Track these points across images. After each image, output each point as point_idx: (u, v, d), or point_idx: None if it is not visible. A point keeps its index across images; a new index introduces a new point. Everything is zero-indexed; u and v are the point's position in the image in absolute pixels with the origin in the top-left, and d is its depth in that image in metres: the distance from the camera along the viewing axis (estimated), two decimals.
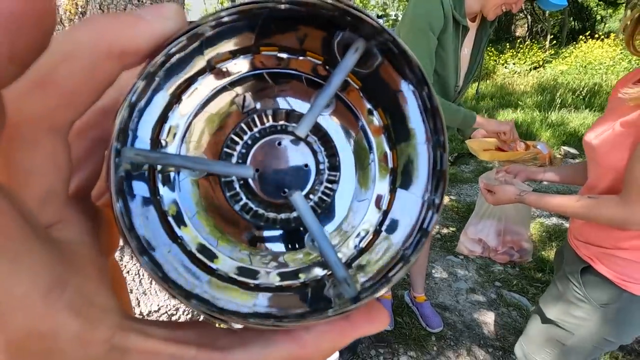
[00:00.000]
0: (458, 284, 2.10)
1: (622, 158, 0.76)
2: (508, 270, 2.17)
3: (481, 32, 1.30)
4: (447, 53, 1.19)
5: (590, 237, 0.88)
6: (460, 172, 3.57)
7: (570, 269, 0.93)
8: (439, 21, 1.11)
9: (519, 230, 1.14)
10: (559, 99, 5.10)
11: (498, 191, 0.97)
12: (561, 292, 0.94)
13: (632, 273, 0.81)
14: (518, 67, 7.08)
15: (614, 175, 0.79)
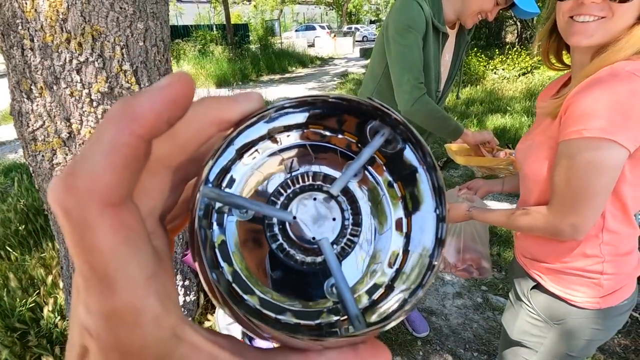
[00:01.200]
0: (445, 288, 2.11)
1: (542, 169, 0.77)
2: (494, 274, 2.19)
3: (460, 39, 1.33)
4: (428, 59, 1.20)
5: (535, 253, 0.87)
6: (449, 177, 3.60)
7: (520, 288, 0.92)
8: (422, 25, 1.14)
9: (478, 248, 1.16)
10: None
11: (451, 208, 0.96)
12: (517, 310, 0.93)
13: (578, 289, 0.81)
14: (507, 72, 7.18)
15: (540, 185, 0.80)
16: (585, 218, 0.70)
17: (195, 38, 11.58)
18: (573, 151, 0.68)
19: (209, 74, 9.42)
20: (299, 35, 20.90)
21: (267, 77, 11.02)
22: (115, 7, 1.05)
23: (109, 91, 1.11)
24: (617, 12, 0.66)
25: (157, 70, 1.22)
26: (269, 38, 14.08)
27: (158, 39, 1.20)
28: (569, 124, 0.68)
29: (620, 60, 0.66)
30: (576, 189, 0.69)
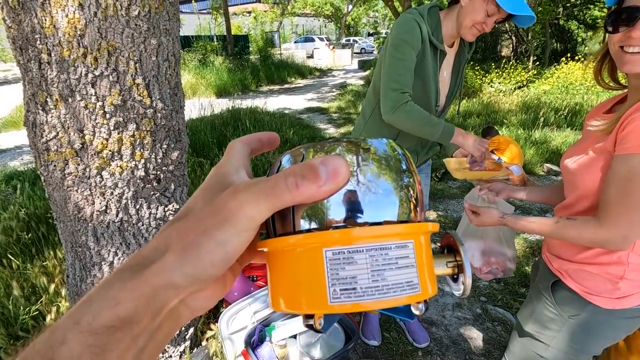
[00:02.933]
0: (445, 299, 2.13)
1: (596, 181, 0.82)
2: (493, 285, 2.21)
3: (459, 57, 1.37)
4: (427, 75, 1.25)
5: (561, 251, 0.93)
6: (447, 188, 3.64)
7: (542, 283, 0.97)
8: (417, 42, 1.19)
9: (503, 250, 1.18)
10: (542, 118, 5.27)
11: (482, 213, 1.00)
12: (535, 305, 0.98)
13: (596, 287, 0.85)
14: (503, 86, 7.31)
15: (590, 196, 0.84)
16: (637, 229, 0.73)
17: (196, 48, 11.70)
18: (632, 165, 0.71)
19: (209, 84, 9.50)
20: (298, 46, 21.17)
21: (267, 87, 11.12)
22: (131, 24, 1.10)
23: (122, 104, 1.15)
24: None
25: (168, 84, 1.26)
26: (268, 49, 14.25)
27: (169, 53, 1.24)
28: (629, 139, 0.71)
29: None
30: (633, 202, 0.72)
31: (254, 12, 23.71)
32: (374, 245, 0.20)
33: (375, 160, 0.23)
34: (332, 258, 0.20)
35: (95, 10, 1.04)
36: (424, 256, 0.23)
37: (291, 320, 1.60)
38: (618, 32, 0.76)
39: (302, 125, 5.74)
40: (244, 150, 0.25)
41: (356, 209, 0.21)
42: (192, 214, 0.21)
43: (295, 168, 0.19)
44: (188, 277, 0.19)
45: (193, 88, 9.21)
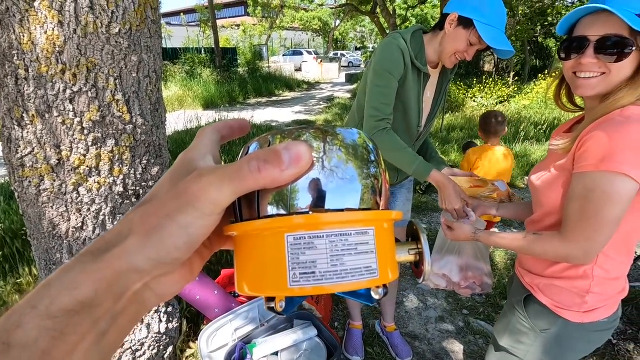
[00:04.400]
0: (428, 313, 2.14)
1: (559, 197, 0.85)
2: (475, 298, 2.23)
3: (442, 78, 1.41)
4: (410, 97, 1.28)
5: (532, 266, 0.96)
6: (431, 201, 3.69)
7: (515, 297, 1.00)
8: (399, 69, 1.22)
9: (480, 265, 1.21)
10: (523, 132, 5.43)
11: (456, 228, 1.03)
12: (509, 319, 1.00)
13: (565, 301, 0.88)
14: (485, 100, 7.53)
15: (555, 212, 0.88)
16: (597, 244, 0.76)
17: (184, 60, 11.70)
18: (589, 183, 0.74)
19: (197, 96, 9.49)
20: (286, 59, 21.40)
21: (255, 99, 11.17)
22: (112, 42, 1.10)
23: (101, 119, 1.14)
24: (614, 69, 0.76)
25: (149, 100, 1.26)
26: (257, 62, 14.35)
27: (151, 70, 1.24)
28: (585, 158, 0.75)
29: (623, 106, 0.75)
30: (591, 218, 0.75)
31: (242, 25, 23.94)
32: (335, 232, 0.21)
33: (342, 148, 0.23)
34: (293, 243, 0.21)
35: (75, 27, 1.04)
36: (385, 243, 0.23)
37: (273, 337, 1.58)
38: (570, 59, 0.80)
39: None
40: (213, 137, 0.25)
41: (319, 195, 0.22)
42: (156, 199, 0.21)
43: (259, 152, 0.20)
44: (151, 261, 0.19)
45: (180, 100, 9.17)
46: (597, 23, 0.75)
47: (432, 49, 1.27)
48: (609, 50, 0.74)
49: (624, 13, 0.70)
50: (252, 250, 0.22)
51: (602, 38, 0.75)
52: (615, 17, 0.72)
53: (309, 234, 0.21)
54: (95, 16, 1.07)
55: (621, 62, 0.74)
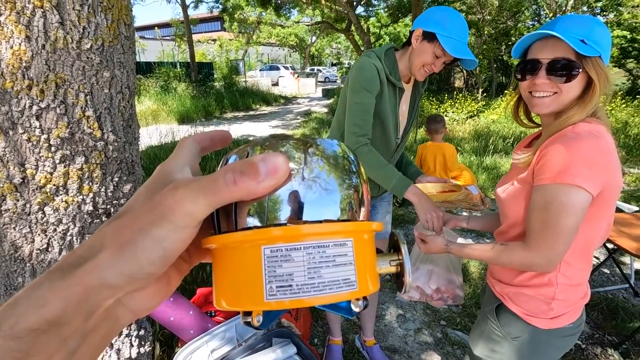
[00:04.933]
0: (407, 325, 2.15)
1: (522, 209, 0.89)
2: (452, 308, 2.27)
3: (415, 91, 1.47)
4: (387, 111, 1.33)
5: (501, 275, 0.99)
6: (408, 213, 3.76)
7: (487, 306, 1.03)
8: (376, 86, 1.27)
9: (452, 277, 1.24)
10: (492, 145, 5.66)
11: (429, 241, 1.06)
12: (483, 328, 1.03)
13: (533, 308, 0.92)
14: (456, 115, 7.82)
15: (519, 223, 0.92)
16: (558, 253, 0.80)
17: (158, 74, 11.53)
18: (547, 195, 0.79)
19: (171, 110, 9.34)
20: (263, 74, 21.51)
21: (231, 114, 11.10)
22: (82, 57, 1.08)
23: (70, 136, 1.11)
24: (564, 89, 0.82)
25: (121, 116, 1.24)
26: (233, 76, 14.34)
27: (124, 86, 1.22)
28: (543, 171, 0.80)
29: (574, 122, 0.81)
30: (551, 228, 0.79)
31: (219, 40, 23.95)
32: (312, 243, 0.21)
33: (322, 159, 0.23)
34: (270, 255, 0.20)
35: (43, 42, 1.02)
36: (365, 254, 0.23)
37: (251, 357, 1.54)
38: (525, 79, 0.87)
39: None
40: (193, 148, 0.25)
41: (297, 206, 0.21)
42: (130, 212, 0.20)
43: (235, 164, 0.19)
44: (123, 276, 0.18)
45: (154, 114, 8.99)
46: (547, 47, 0.82)
47: (404, 64, 1.34)
48: (559, 72, 0.81)
49: (569, 38, 0.77)
50: (229, 264, 0.22)
51: (552, 61, 0.81)
52: (562, 42, 0.78)
53: (286, 246, 0.20)
54: (65, 32, 1.05)
55: (570, 82, 0.81)
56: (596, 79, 0.79)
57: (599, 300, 2.32)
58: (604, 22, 0.82)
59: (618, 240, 1.93)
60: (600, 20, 0.81)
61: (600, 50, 0.78)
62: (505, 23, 10.06)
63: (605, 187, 0.77)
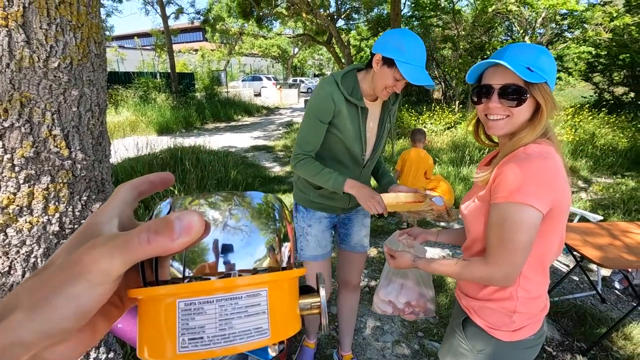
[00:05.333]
0: (384, 337, 2.16)
1: (482, 225, 0.93)
2: (429, 319, 2.30)
3: (384, 108, 1.48)
4: (347, 130, 1.37)
5: (467, 289, 1.03)
6: (387, 225, 3.81)
7: (455, 320, 1.06)
8: (328, 111, 1.33)
9: (423, 291, 1.27)
10: (468, 156, 5.83)
11: (398, 257, 1.09)
12: (451, 342, 1.05)
13: (496, 322, 0.95)
14: (435, 126, 8.02)
15: (481, 239, 0.96)
16: (515, 267, 0.84)
17: (137, 85, 11.35)
18: (502, 212, 0.83)
19: (151, 121, 9.19)
20: (245, 84, 21.50)
21: (213, 124, 11.02)
22: (49, 76, 1.07)
23: (35, 156, 1.08)
24: (515, 112, 0.88)
25: (91, 134, 1.22)
26: (215, 87, 14.28)
27: (93, 104, 1.21)
28: (498, 190, 0.85)
29: (526, 144, 0.87)
30: (507, 244, 0.83)
31: (201, 50, 23.86)
32: (225, 296, 0.22)
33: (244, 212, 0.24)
34: (184, 309, 0.21)
35: (7, 61, 1.00)
36: (283, 300, 0.24)
37: None
38: (481, 103, 0.91)
39: (246, 164, 5.73)
40: (128, 195, 0.26)
41: (215, 259, 0.23)
42: (50, 268, 0.21)
43: (150, 223, 0.20)
44: (38, 334, 0.19)
45: (132, 125, 8.82)
46: (498, 74, 0.87)
47: (367, 84, 1.37)
48: (510, 96, 0.86)
49: (515, 66, 0.82)
50: (149, 315, 0.23)
51: (503, 86, 0.86)
52: (510, 69, 0.83)
53: (199, 299, 0.22)
54: (31, 50, 1.04)
55: (520, 106, 0.86)
56: (543, 103, 0.85)
57: (568, 307, 2.41)
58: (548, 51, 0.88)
59: (583, 250, 2.02)
60: (545, 48, 0.87)
61: (545, 76, 0.84)
62: (479, 38, 10.47)
63: (554, 204, 0.82)
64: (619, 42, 9.20)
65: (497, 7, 8.89)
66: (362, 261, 1.71)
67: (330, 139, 1.40)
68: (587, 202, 4.33)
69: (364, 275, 2.84)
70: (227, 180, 4.25)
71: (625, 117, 7.87)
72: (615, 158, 5.97)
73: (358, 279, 1.74)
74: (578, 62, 10.71)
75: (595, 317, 2.31)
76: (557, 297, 2.52)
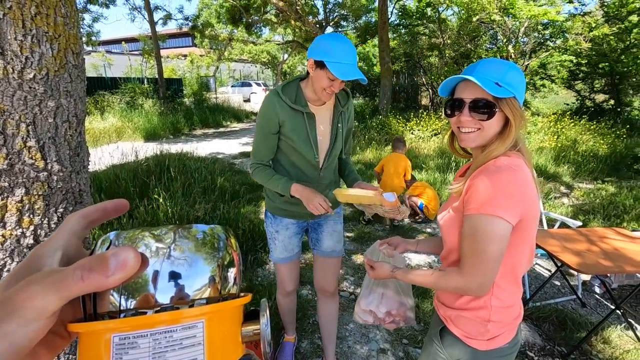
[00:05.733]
0: (370, 345, 2.17)
1: (457, 235, 0.95)
2: (414, 326, 2.31)
3: (335, 110, 1.52)
4: (297, 136, 1.44)
5: (444, 299, 1.04)
6: (374, 231, 3.83)
7: (433, 329, 1.07)
8: (272, 122, 1.42)
9: (403, 300, 1.28)
10: (454, 162, 5.91)
11: (377, 267, 1.09)
12: (430, 351, 1.06)
13: (472, 331, 0.96)
14: (422, 133, 8.12)
15: (456, 249, 0.97)
16: (488, 278, 0.86)
17: (124, 91, 11.22)
18: (473, 224, 0.86)
19: (137, 127, 9.08)
20: (235, 90, 21.44)
21: (201, 131, 10.95)
22: (24, 87, 1.05)
23: (9, 168, 1.07)
24: (485, 125, 0.90)
25: (68, 145, 1.21)
26: (203, 93, 14.20)
27: (71, 114, 1.20)
28: (470, 202, 0.87)
29: (496, 156, 0.89)
30: (480, 254, 0.85)
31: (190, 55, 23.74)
32: (159, 330, 0.22)
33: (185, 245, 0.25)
34: (118, 343, 0.22)
35: None
36: (223, 329, 0.25)
37: None
38: (454, 116, 0.94)
39: (234, 171, 5.70)
40: (77, 226, 0.26)
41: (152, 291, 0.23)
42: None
43: (84, 261, 0.21)
44: None
45: (118, 131, 8.71)
46: (468, 88, 0.90)
47: (310, 91, 1.44)
48: (480, 110, 0.88)
49: (484, 81, 0.85)
50: (87, 348, 0.23)
51: (473, 100, 0.89)
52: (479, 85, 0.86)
53: (133, 334, 0.22)
54: (5, 62, 1.02)
55: (490, 120, 0.88)
56: (511, 117, 0.88)
57: (549, 312, 2.45)
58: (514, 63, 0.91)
59: (562, 256, 2.06)
60: (514, 64, 0.90)
61: (514, 91, 0.87)
62: (465, 46, 10.69)
63: (523, 216, 0.84)
64: (599, 51, 9.50)
65: (481, 16, 9.10)
66: (336, 266, 1.73)
67: (284, 146, 1.49)
68: (569, 208, 4.43)
69: (349, 283, 2.84)
70: (214, 187, 4.21)
71: (605, 124, 8.10)
72: (596, 164, 6.13)
73: (334, 285, 1.76)
74: (560, 70, 11.01)
75: (575, 322, 2.35)
76: (539, 302, 2.56)
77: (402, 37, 12.30)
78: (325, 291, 1.77)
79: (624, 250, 2.15)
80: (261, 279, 2.85)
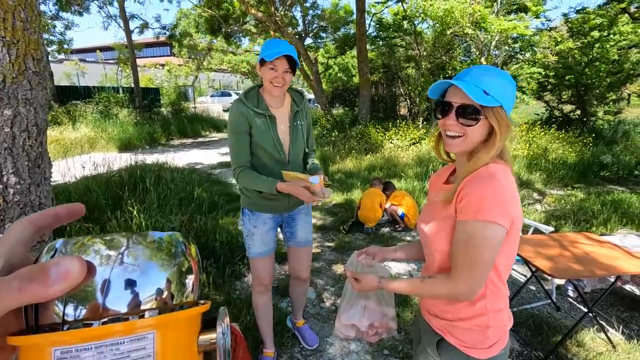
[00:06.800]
0: (350, 357, 2.13)
1: (447, 242, 0.94)
2: (395, 337, 2.30)
3: (292, 110, 1.71)
4: (263, 137, 1.61)
5: (436, 311, 1.03)
6: (354, 240, 3.82)
7: (427, 342, 1.05)
8: (242, 124, 1.59)
9: (385, 311, 1.25)
10: (432, 171, 6.01)
11: (362, 280, 1.07)
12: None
13: (471, 340, 0.96)
14: (400, 142, 8.25)
15: (442, 256, 0.97)
16: (479, 282, 0.87)
17: (98, 100, 10.91)
18: (469, 230, 0.86)
19: (111, 137, 8.82)
20: (214, 100, 21.24)
21: (179, 141, 10.75)
22: None
23: None
24: (469, 132, 0.91)
25: (27, 156, 1.14)
26: (181, 102, 13.98)
27: (30, 124, 1.13)
28: (465, 208, 0.87)
29: (484, 163, 0.90)
30: (473, 259, 0.86)
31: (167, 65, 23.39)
32: (104, 342, 0.21)
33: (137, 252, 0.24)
34: (60, 357, 0.21)
35: None
36: (177, 340, 0.24)
37: None
38: (442, 118, 0.94)
39: (212, 181, 5.59)
40: (23, 233, 0.25)
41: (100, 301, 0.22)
42: None
43: (24, 271, 0.20)
44: None
45: (91, 141, 8.43)
46: (458, 93, 0.91)
47: (268, 95, 1.63)
48: (467, 116, 0.89)
49: (471, 89, 0.85)
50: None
51: (460, 105, 0.90)
52: (465, 92, 0.86)
53: (76, 347, 0.21)
54: None
55: (473, 127, 0.89)
56: (496, 126, 0.89)
57: (526, 317, 2.49)
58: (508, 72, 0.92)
59: (536, 261, 2.11)
60: (507, 74, 0.92)
61: (501, 101, 0.88)
62: (440, 58, 11.01)
63: (513, 220, 0.86)
64: (565, 64, 10.00)
65: (455, 30, 9.43)
66: (309, 254, 1.96)
67: (254, 148, 1.65)
68: (542, 214, 4.57)
69: (330, 294, 2.81)
70: (191, 198, 4.11)
71: (573, 133, 8.48)
72: (565, 171, 6.38)
73: (307, 272, 2.00)
74: (530, 81, 11.50)
75: (551, 326, 2.40)
76: (516, 308, 2.60)
77: (380, 48, 12.56)
78: (299, 278, 1.99)
79: (594, 254, 2.22)
80: (239, 292, 2.77)
